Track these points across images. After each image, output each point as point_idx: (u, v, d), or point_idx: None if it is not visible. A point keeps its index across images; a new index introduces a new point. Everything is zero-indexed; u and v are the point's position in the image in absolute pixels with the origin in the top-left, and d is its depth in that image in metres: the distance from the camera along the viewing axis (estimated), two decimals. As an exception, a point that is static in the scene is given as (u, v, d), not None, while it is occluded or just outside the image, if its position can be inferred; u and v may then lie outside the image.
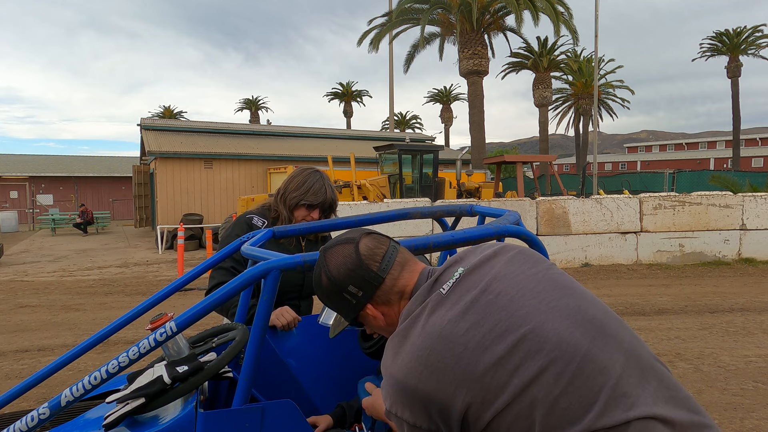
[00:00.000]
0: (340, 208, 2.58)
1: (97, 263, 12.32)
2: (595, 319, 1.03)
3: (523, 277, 1.09)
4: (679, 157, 56.59)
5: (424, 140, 24.32)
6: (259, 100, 54.35)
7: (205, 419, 1.35)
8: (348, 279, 1.17)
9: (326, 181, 2.28)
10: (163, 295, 1.89)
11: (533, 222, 9.50)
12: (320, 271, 1.21)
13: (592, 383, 0.94)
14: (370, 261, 1.17)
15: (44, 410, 1.30)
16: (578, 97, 37.66)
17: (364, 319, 1.22)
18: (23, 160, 35.10)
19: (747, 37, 35.17)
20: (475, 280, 1.09)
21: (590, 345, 0.98)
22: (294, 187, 2.24)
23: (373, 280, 1.16)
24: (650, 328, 5.74)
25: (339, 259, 1.19)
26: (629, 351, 1.00)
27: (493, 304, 1.03)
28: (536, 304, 1.03)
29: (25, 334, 6.07)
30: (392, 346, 1.09)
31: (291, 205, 2.23)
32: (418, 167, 14.76)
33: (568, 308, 1.03)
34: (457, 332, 1.01)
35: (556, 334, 0.98)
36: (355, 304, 1.18)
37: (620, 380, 0.95)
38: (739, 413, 3.62)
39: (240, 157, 17.82)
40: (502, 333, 0.99)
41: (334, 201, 2.28)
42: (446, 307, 1.06)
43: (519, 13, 19.45)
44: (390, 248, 1.21)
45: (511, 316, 1.01)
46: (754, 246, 9.72)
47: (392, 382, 1.04)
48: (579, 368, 0.95)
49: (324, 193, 2.23)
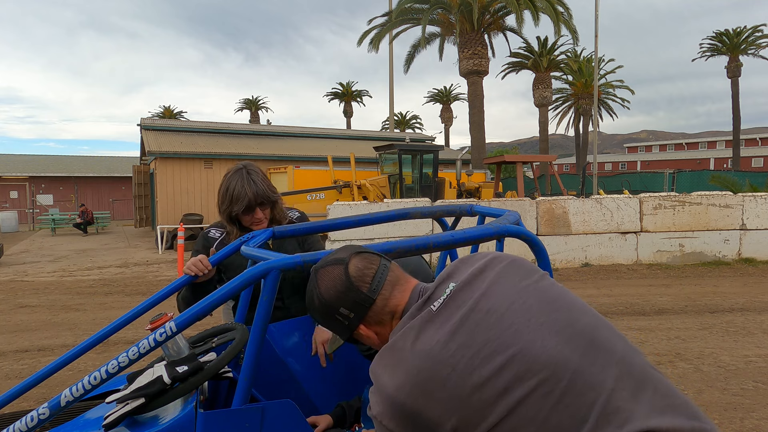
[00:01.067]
0: (340, 208, 2.57)
1: (97, 263, 12.32)
2: (585, 332, 1.03)
3: (513, 292, 1.10)
4: (679, 157, 56.58)
5: (424, 140, 24.32)
6: (259, 100, 54.36)
7: (205, 419, 1.35)
8: (339, 301, 1.17)
9: (248, 176, 2.16)
10: (163, 295, 1.89)
11: (533, 222, 9.50)
12: (312, 293, 1.22)
13: (583, 400, 0.94)
14: (360, 283, 1.17)
15: (44, 410, 1.30)
16: (578, 97, 37.66)
17: (359, 338, 1.24)
18: (23, 160, 35.10)
19: (747, 37, 35.16)
20: (465, 297, 1.10)
21: (580, 361, 0.98)
22: (220, 200, 2.19)
23: (363, 302, 1.17)
24: (650, 328, 5.74)
25: (329, 281, 1.19)
26: (622, 361, 1.00)
27: (482, 323, 1.04)
28: (525, 322, 1.03)
29: (25, 334, 6.07)
30: (383, 357, 1.10)
31: (228, 219, 2.20)
32: (418, 167, 14.76)
33: (557, 323, 1.03)
34: (446, 353, 1.01)
35: (545, 353, 0.98)
36: (347, 325, 1.19)
37: (612, 395, 0.95)
38: (739, 413, 3.62)
39: (240, 157, 17.80)
40: (491, 354, 1.00)
41: (261, 194, 2.14)
42: (436, 326, 1.07)
43: (519, 13, 19.44)
44: (380, 267, 1.20)
45: (500, 336, 1.01)
46: (754, 246, 9.71)
47: (382, 393, 1.06)
48: (569, 385, 0.95)
49: (245, 194, 2.12)
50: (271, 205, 2.21)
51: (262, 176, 2.20)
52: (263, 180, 2.19)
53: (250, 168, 2.20)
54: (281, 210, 2.27)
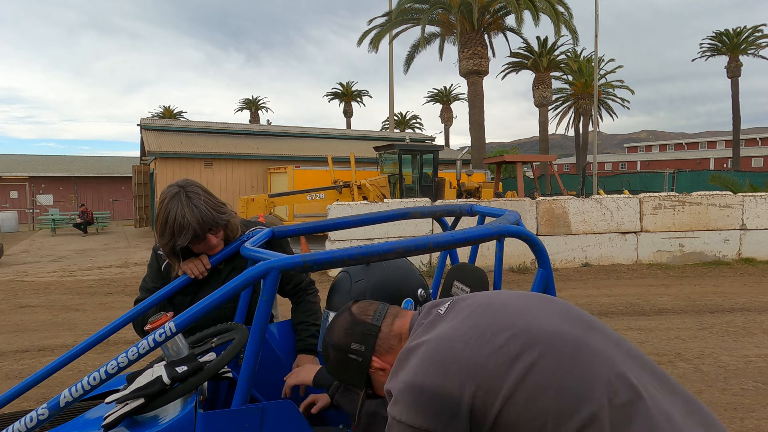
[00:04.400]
0: (340, 208, 2.53)
1: (97, 263, 12.32)
2: (582, 317, 1.12)
3: (511, 294, 1.21)
4: (679, 157, 56.58)
5: (424, 140, 24.33)
6: (259, 100, 54.38)
7: (204, 419, 1.35)
8: (348, 338, 1.26)
9: (187, 200, 1.80)
10: (162, 295, 1.89)
11: (533, 222, 9.50)
12: (326, 348, 1.31)
13: (592, 363, 0.99)
14: (364, 316, 1.28)
15: (43, 411, 1.30)
16: (578, 97, 37.66)
17: (375, 377, 1.27)
18: (23, 160, 35.10)
19: (747, 37, 35.16)
20: (467, 302, 1.18)
21: (582, 333, 1.05)
22: (159, 232, 1.84)
23: (370, 330, 1.25)
24: (650, 328, 5.74)
25: (337, 327, 1.29)
26: (618, 341, 1.08)
27: (486, 311, 1.12)
28: (525, 308, 1.12)
29: (25, 334, 6.06)
30: (397, 363, 1.14)
31: (170, 255, 1.90)
32: (418, 167, 14.76)
33: (555, 310, 1.12)
34: (458, 333, 1.08)
35: (549, 326, 1.06)
36: (361, 361, 1.25)
37: (616, 362, 1.01)
38: (739, 413, 3.62)
39: (240, 157, 17.81)
40: (499, 330, 1.06)
41: (208, 220, 1.82)
42: (446, 321, 1.14)
43: (519, 13, 19.43)
44: (380, 305, 1.32)
45: (504, 318, 1.09)
46: (754, 246, 9.71)
47: (399, 388, 1.07)
48: (575, 350, 1.01)
49: (188, 223, 1.78)
50: (223, 226, 1.91)
51: (205, 196, 1.86)
52: (207, 201, 1.85)
53: (189, 189, 1.84)
54: (234, 227, 1.98)
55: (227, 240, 1.98)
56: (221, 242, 1.96)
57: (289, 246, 2.22)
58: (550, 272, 1.52)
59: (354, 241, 8.66)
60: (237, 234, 2.00)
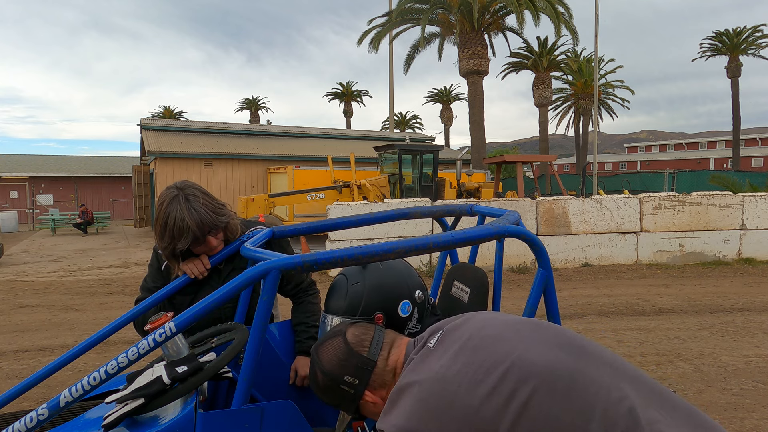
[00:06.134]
0: (340, 208, 2.51)
1: (97, 263, 12.32)
2: (574, 341, 1.10)
3: (501, 321, 1.17)
4: (679, 157, 56.57)
5: (424, 140, 24.33)
6: (259, 100, 54.38)
7: (204, 420, 1.35)
8: (342, 370, 1.22)
9: (186, 203, 1.80)
10: (162, 295, 1.89)
11: (533, 222, 9.50)
12: (314, 370, 1.26)
13: (587, 394, 0.98)
14: (360, 347, 1.23)
15: (43, 411, 1.30)
16: (578, 97, 37.65)
17: (365, 408, 1.25)
18: (23, 160, 35.08)
19: (747, 37, 35.16)
20: (459, 333, 1.15)
21: (576, 361, 1.04)
22: (158, 235, 1.84)
23: (365, 365, 1.21)
24: (650, 328, 5.74)
25: (330, 353, 1.24)
26: (612, 363, 1.06)
27: (479, 345, 1.09)
28: (518, 338, 1.09)
29: (25, 334, 6.06)
30: (390, 400, 1.12)
31: (170, 257, 1.90)
32: (418, 167, 14.76)
33: (547, 336, 1.10)
34: (451, 373, 1.05)
35: (541, 357, 1.03)
36: (353, 394, 1.22)
37: (612, 388, 1.00)
38: (739, 413, 3.62)
39: (240, 157, 17.82)
40: (492, 366, 1.04)
41: (207, 222, 1.83)
42: (437, 356, 1.11)
43: (519, 13, 19.43)
44: (376, 332, 1.27)
45: (497, 352, 1.06)
46: (754, 246, 9.71)
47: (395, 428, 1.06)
48: (570, 382, 0.99)
49: (187, 226, 1.78)
50: (223, 227, 1.92)
51: (204, 198, 1.85)
52: (206, 203, 1.85)
53: (188, 191, 1.84)
54: (234, 228, 1.97)
55: (227, 241, 1.98)
56: (221, 243, 1.96)
57: (290, 246, 2.21)
58: (550, 272, 1.52)
59: (354, 241, 8.66)
60: (237, 235, 2.00)
